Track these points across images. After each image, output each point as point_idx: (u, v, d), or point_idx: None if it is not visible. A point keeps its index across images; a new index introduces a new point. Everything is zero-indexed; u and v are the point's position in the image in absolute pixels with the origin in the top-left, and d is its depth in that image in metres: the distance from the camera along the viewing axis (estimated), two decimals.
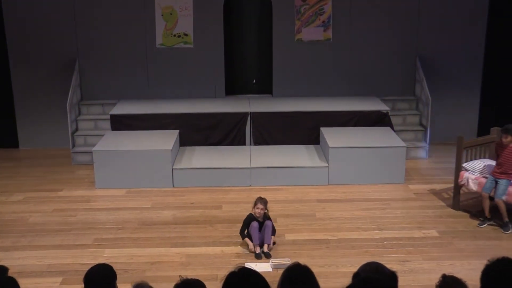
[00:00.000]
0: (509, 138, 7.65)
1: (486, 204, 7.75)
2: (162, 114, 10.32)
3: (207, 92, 11.31)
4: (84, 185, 9.37)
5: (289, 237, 7.43)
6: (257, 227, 6.99)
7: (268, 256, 6.90)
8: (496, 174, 7.74)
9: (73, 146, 10.53)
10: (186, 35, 11.05)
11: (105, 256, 6.90)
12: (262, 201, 7.08)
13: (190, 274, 6.49)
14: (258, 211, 7.02)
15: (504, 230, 7.61)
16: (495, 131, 8.60)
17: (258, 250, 6.93)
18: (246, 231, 7.09)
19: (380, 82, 11.29)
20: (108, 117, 10.38)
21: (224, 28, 11.16)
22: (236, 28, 11.44)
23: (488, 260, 2.93)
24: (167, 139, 9.66)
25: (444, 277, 4.54)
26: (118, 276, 3.90)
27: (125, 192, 9.04)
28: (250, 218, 7.09)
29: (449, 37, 11.08)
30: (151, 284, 4.17)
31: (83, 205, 8.56)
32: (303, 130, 10.36)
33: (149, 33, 11.02)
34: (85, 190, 9.16)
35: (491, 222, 7.71)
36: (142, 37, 11.05)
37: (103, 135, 10.10)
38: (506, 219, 7.61)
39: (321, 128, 10.11)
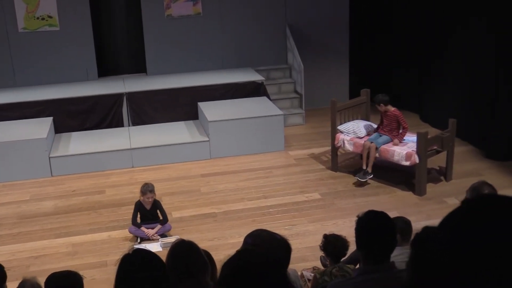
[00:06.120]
0: (382, 107, 8.03)
1: (365, 154, 8.10)
2: (32, 102, 9.84)
3: (78, 75, 10.89)
4: None
5: (176, 214, 7.42)
6: (144, 233, 6.82)
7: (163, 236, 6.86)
8: (381, 131, 8.14)
9: None
10: (50, 17, 10.55)
11: None
12: (149, 188, 6.81)
13: (78, 263, 6.33)
14: (149, 200, 6.83)
15: (360, 178, 7.97)
16: (364, 92, 9.00)
17: (152, 232, 6.82)
18: (137, 218, 6.90)
19: (253, 53, 11.41)
20: None
21: (91, 8, 10.74)
22: (103, 6, 11.08)
23: (357, 216, 3.14)
24: (41, 127, 9.25)
25: (326, 237, 4.79)
26: None
27: None
28: (138, 206, 6.87)
29: (315, 5, 11.36)
30: (38, 278, 4.03)
31: None
32: (180, 107, 10.30)
33: (9, 17, 10.40)
34: None
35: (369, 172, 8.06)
36: (2, 21, 10.41)
37: None
38: (370, 169, 7.97)
39: (199, 103, 10.10)
